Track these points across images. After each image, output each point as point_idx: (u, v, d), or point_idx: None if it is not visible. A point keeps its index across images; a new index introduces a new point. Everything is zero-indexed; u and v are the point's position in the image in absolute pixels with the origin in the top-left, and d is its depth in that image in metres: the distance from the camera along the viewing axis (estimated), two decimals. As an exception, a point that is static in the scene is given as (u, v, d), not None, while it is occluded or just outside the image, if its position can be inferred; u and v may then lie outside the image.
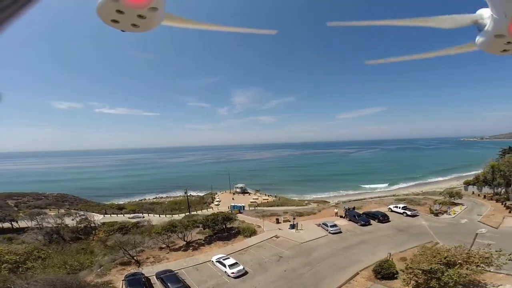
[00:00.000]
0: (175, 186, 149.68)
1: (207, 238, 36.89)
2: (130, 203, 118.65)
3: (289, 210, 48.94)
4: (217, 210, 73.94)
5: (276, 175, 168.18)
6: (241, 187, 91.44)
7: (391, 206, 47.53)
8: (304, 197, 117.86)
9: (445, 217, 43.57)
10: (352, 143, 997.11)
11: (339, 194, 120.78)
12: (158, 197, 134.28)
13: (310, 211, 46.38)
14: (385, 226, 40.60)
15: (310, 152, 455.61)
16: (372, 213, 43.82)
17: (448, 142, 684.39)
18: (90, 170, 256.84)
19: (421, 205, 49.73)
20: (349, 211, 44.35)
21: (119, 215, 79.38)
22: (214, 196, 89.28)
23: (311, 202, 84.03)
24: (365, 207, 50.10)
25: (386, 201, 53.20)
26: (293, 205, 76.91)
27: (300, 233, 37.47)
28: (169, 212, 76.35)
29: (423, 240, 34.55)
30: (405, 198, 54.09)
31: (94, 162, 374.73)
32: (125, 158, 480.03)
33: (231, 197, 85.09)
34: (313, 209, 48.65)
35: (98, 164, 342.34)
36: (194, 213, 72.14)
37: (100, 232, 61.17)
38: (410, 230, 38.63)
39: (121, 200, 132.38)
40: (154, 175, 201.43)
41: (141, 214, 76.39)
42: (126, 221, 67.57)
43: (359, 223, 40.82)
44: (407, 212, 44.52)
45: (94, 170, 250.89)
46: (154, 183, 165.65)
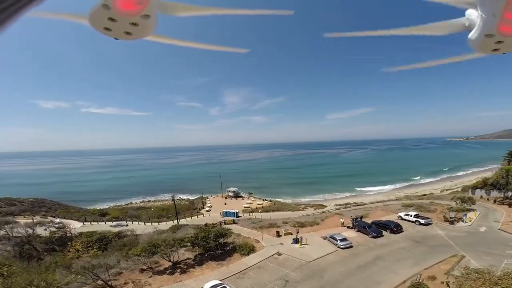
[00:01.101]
0: (163, 189, 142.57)
1: (198, 257, 31.39)
2: (115, 208, 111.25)
3: (289, 220, 43.94)
4: (208, 217, 68.80)
5: (269, 177, 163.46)
6: (234, 191, 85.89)
7: (401, 214, 43.36)
8: (298, 200, 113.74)
9: (461, 225, 39.71)
10: (343, 143, 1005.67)
11: (335, 197, 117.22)
12: (146, 201, 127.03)
13: (313, 221, 41.54)
14: (399, 237, 36.23)
15: (302, 153, 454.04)
16: (383, 222, 39.44)
17: (435, 142, 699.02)
18: (75, 172, 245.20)
19: (431, 212, 45.86)
20: (358, 221, 39.83)
21: (100, 222, 72.69)
22: (205, 200, 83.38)
23: (307, 206, 79.61)
24: (372, 215, 45.75)
25: (393, 208, 49.03)
26: (289, 210, 72.40)
27: (305, 248, 32.54)
28: (155, 219, 70.21)
29: (446, 253, 30.42)
30: (413, 204, 50.18)
31: (80, 164, 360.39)
32: (113, 159, 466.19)
33: (223, 202, 79.57)
34: (316, 218, 43.80)
35: (84, 165, 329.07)
36: (183, 220, 66.33)
37: (77, 244, 54.31)
38: (428, 241, 34.39)
39: (105, 204, 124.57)
40: (142, 177, 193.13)
41: (124, 222, 69.88)
42: (107, 230, 61.15)
43: (370, 234, 36.30)
44: (420, 220, 40.40)
45: (79, 172, 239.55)
46: (142, 186, 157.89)
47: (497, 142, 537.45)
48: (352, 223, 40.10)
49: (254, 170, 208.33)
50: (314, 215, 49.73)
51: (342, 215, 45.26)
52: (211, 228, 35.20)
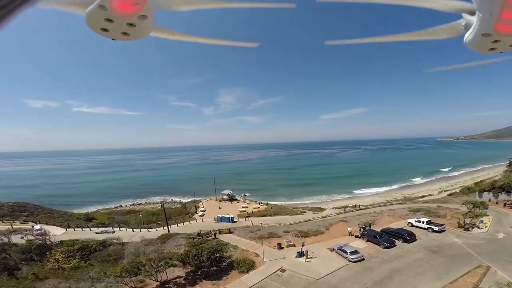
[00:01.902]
0: (155, 191, 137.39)
1: (190, 275, 27.30)
2: (103, 212, 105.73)
3: (290, 229, 40.12)
4: (201, 223, 64.59)
5: (264, 178, 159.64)
6: (229, 194, 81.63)
7: (412, 220, 40.18)
8: (295, 202, 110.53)
9: (477, 231, 36.75)
10: (336, 143, 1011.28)
11: (332, 198, 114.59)
12: (136, 204, 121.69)
13: (317, 230, 37.85)
14: (413, 247, 32.96)
15: (296, 153, 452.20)
16: (395, 231, 36.08)
17: (427, 142, 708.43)
18: (64, 173, 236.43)
19: (441, 217, 42.90)
20: (367, 229, 36.36)
21: (85, 228, 67.58)
22: (198, 204, 78.87)
23: (305, 209, 76.07)
24: (379, 222, 42.44)
25: (400, 213, 45.89)
26: (287, 214, 68.73)
27: (312, 263, 28.83)
28: (144, 225, 65.57)
29: (469, 264, 27.44)
30: (420, 208, 47.18)
31: (70, 164, 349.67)
32: (104, 159, 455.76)
33: (217, 206, 75.28)
34: (319, 226, 40.11)
35: (73, 166, 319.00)
36: (174, 226, 61.90)
37: (57, 253, 49.46)
38: (446, 251, 31.22)
39: (93, 207, 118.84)
40: (133, 178, 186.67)
41: (111, 228, 65.01)
42: (91, 238, 56.45)
43: (382, 245, 32.86)
44: (434, 227, 37.25)
45: (68, 173, 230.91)
46: (133, 187, 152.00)
47: (487, 142, 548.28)
48: (361, 232, 36.63)
49: (248, 171, 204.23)
50: (316, 221, 46.07)
51: (347, 222, 41.82)
52: (204, 242, 31.08)
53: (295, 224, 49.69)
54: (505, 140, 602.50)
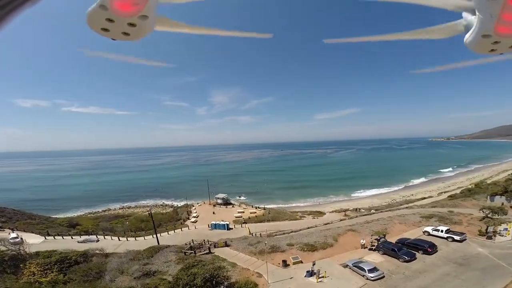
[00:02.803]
0: (145, 194, 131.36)
1: (179, 304, 22.79)
2: (89, 217, 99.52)
3: (294, 240, 35.75)
4: (194, 230, 59.86)
5: (259, 180, 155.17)
6: (223, 197, 76.87)
7: (428, 228, 36.55)
8: (292, 204, 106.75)
9: (500, 239, 33.31)
10: (330, 143, 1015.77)
11: (330, 200, 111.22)
12: (125, 207, 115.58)
13: (324, 242, 33.70)
14: (436, 259, 29.22)
15: (291, 153, 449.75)
16: (413, 242, 32.30)
17: (418, 142, 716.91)
18: (51, 174, 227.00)
19: (457, 224, 39.49)
20: (384, 242, 32.33)
21: (66, 236, 62.03)
22: (190, 209, 73.84)
23: (304, 214, 72.14)
24: (392, 230, 38.66)
25: (413, 220, 42.30)
26: (286, 219, 64.64)
27: (325, 283, 24.64)
28: (132, 233, 60.30)
29: (505, 278, 24.16)
30: (433, 215, 43.68)
31: (58, 165, 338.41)
32: (94, 160, 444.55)
33: (211, 210, 70.51)
34: (326, 236, 35.98)
35: (62, 167, 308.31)
36: (164, 235, 56.94)
37: (32, 265, 43.89)
38: (474, 263, 27.59)
39: (80, 211, 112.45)
40: (123, 180, 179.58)
41: (94, 236, 59.62)
42: (72, 248, 51.19)
43: (401, 258, 28.98)
44: (454, 236, 33.67)
45: (55, 175, 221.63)
46: (122, 190, 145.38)
47: (477, 142, 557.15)
48: (377, 244, 32.59)
49: (243, 172, 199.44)
50: (321, 230, 41.93)
51: (356, 232, 37.86)
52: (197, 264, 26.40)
53: (297, 232, 45.64)
54: (494, 140, 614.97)
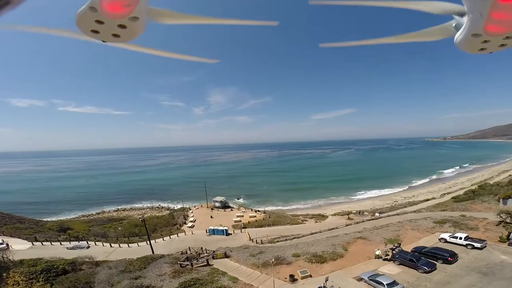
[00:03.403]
0: (141, 196, 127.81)
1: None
2: (82, 220, 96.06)
3: (300, 250, 32.87)
4: (191, 236, 56.83)
5: (257, 182, 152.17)
6: (221, 200, 73.75)
7: (445, 235, 33.96)
8: (292, 207, 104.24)
9: (523, 247, 30.79)
10: (327, 143, 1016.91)
11: (331, 202, 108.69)
12: (120, 210, 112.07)
13: (334, 252, 30.86)
14: (457, 269, 26.65)
15: (288, 153, 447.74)
16: (432, 250, 29.62)
17: (415, 142, 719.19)
18: (45, 175, 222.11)
19: (473, 230, 36.96)
20: (401, 252, 29.61)
21: (55, 242, 58.65)
22: (187, 212, 70.66)
23: (306, 217, 69.37)
24: (404, 237, 36.01)
25: (426, 226, 39.72)
26: (287, 223, 61.90)
27: (338, 304, 21.94)
28: (125, 239, 57.08)
29: None
30: (446, 220, 41.09)
31: (52, 165, 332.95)
32: (89, 160, 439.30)
33: (208, 214, 67.45)
34: (334, 245, 33.15)
35: (56, 167, 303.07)
36: (159, 241, 53.86)
37: (16, 275, 40.54)
38: (499, 272, 25.08)
39: (73, 214, 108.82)
40: (118, 181, 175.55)
41: (85, 242, 56.39)
42: (60, 255, 47.98)
43: (420, 269, 26.36)
44: (474, 244, 31.17)
45: (49, 176, 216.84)
46: (117, 191, 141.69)
47: (473, 142, 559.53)
48: (392, 254, 29.85)
49: (240, 173, 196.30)
50: (327, 238, 39.12)
51: (367, 240, 35.10)
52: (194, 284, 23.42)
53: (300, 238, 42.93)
54: (490, 140, 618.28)
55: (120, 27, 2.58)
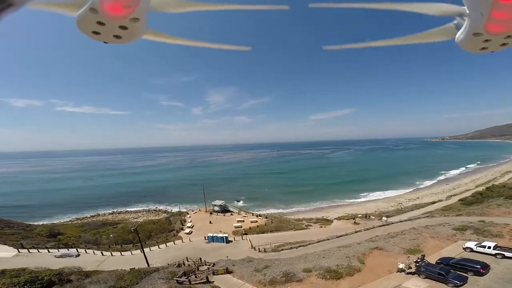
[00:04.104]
0: (138, 198, 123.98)
1: None
2: (75, 224, 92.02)
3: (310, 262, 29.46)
4: (188, 243, 53.21)
5: (257, 184, 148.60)
6: (221, 204, 70.05)
7: (471, 244, 30.68)
8: (293, 209, 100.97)
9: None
10: (326, 143, 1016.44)
11: (334, 204, 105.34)
12: (116, 212, 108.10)
13: (349, 266, 27.45)
14: (491, 281, 23.58)
15: (287, 153, 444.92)
16: (461, 262, 26.29)
17: (413, 142, 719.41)
18: (40, 176, 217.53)
19: (498, 237, 33.70)
20: (427, 265, 26.17)
21: (43, 249, 54.86)
22: (184, 217, 66.90)
23: (310, 222, 65.90)
24: (425, 247, 32.64)
25: (445, 233, 36.39)
26: (291, 228, 58.43)
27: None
28: (118, 246, 53.28)
29: None
30: (466, 226, 37.81)
31: (49, 166, 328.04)
32: (87, 160, 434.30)
33: (207, 219, 63.78)
34: (349, 258, 29.71)
35: (52, 168, 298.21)
36: (154, 249, 50.20)
37: None
38: None
39: (66, 217, 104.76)
40: (115, 182, 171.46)
41: (75, 250, 52.69)
42: (47, 265, 44.40)
43: (450, 283, 23.10)
44: (505, 253, 27.98)
45: (44, 176, 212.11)
46: (113, 193, 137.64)
47: (472, 143, 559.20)
48: (417, 267, 26.43)
49: (240, 174, 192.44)
50: (339, 248, 35.66)
51: (384, 250, 31.68)
52: None
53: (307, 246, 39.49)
54: (489, 140, 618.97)
55: (121, 28, 2.55)
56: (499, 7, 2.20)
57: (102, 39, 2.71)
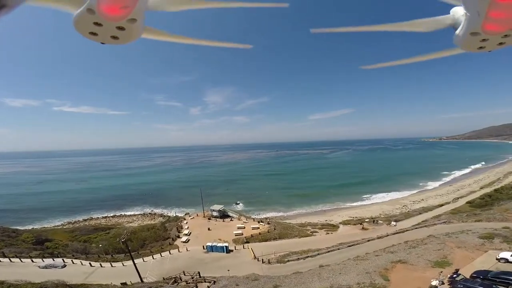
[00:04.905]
0: (133, 201, 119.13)
1: None
2: (65, 228, 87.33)
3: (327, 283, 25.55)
4: (185, 253, 48.89)
5: (257, 186, 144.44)
6: (220, 209, 65.68)
7: (505, 254, 27.04)
8: (294, 212, 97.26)
9: None
10: (325, 143, 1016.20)
11: (337, 207, 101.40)
12: (109, 217, 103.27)
13: (372, 284, 23.71)
14: None
15: (286, 153, 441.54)
16: (502, 276, 22.60)
17: (411, 142, 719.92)
18: (34, 177, 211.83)
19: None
20: (465, 280, 22.37)
21: (26, 259, 50.46)
22: (181, 223, 62.48)
23: (315, 227, 61.96)
24: (453, 258, 28.93)
25: (472, 242, 32.77)
26: (296, 236, 54.49)
27: None
28: (108, 256, 48.92)
29: None
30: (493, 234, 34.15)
31: (44, 166, 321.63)
32: (83, 161, 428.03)
33: (205, 225, 59.46)
34: (369, 273, 25.92)
35: (47, 169, 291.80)
36: (148, 259, 45.95)
37: None
38: None
39: (57, 220, 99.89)
40: (110, 184, 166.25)
41: (61, 260, 48.32)
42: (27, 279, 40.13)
43: None
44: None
45: (38, 177, 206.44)
46: (108, 195, 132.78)
47: (469, 143, 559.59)
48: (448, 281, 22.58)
49: (238, 175, 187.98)
50: (355, 261, 31.74)
51: (408, 263, 27.86)
52: None
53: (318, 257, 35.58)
54: (486, 140, 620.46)
55: (119, 29, 2.55)
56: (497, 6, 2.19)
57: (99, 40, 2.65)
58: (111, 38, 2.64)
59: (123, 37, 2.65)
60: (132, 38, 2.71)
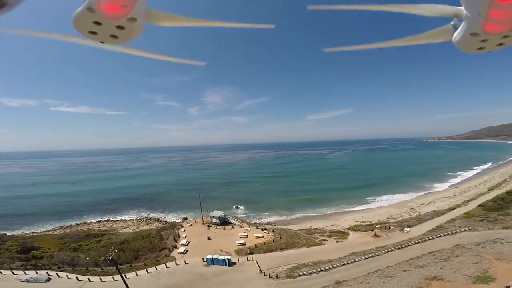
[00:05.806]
0: (129, 204, 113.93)
1: None
2: (55, 234, 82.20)
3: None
4: (183, 266, 44.19)
5: (258, 188, 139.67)
6: (220, 216, 60.87)
7: None
8: (298, 215, 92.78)
9: None
10: (324, 143, 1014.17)
11: (342, 211, 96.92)
12: (103, 221, 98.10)
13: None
14: None
15: (285, 154, 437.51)
16: None
17: (410, 142, 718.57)
18: (28, 178, 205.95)
19: None
20: None
21: (6, 270, 45.76)
22: (178, 231, 57.63)
23: (323, 235, 57.49)
24: (495, 272, 24.78)
25: (510, 252, 28.40)
26: (303, 245, 50.05)
27: None
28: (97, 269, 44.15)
29: None
30: None
31: (39, 167, 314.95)
32: (79, 161, 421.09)
33: (205, 234, 54.72)
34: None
35: (42, 169, 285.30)
36: (141, 273, 41.22)
37: None
38: None
39: (48, 224, 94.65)
40: (105, 186, 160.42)
41: (45, 273, 43.54)
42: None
43: None
44: None
45: (32, 179, 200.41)
46: (103, 198, 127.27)
47: (468, 143, 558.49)
48: None
49: (238, 177, 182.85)
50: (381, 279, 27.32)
51: (445, 281, 23.54)
52: None
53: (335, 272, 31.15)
54: (484, 140, 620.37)
55: (118, 28, 2.54)
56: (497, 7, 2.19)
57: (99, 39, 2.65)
58: (111, 37, 2.60)
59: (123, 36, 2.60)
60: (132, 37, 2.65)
